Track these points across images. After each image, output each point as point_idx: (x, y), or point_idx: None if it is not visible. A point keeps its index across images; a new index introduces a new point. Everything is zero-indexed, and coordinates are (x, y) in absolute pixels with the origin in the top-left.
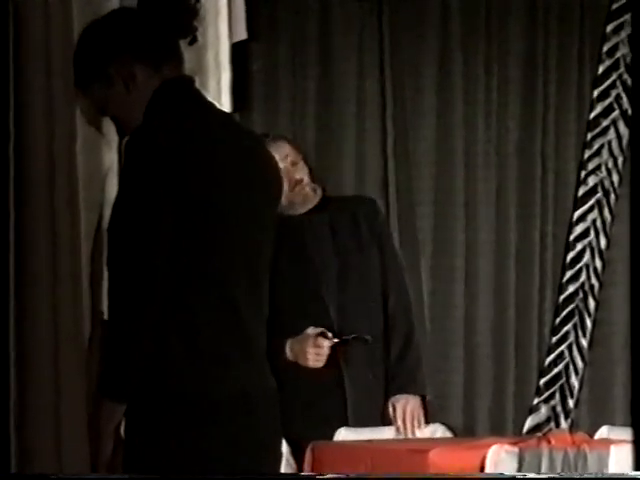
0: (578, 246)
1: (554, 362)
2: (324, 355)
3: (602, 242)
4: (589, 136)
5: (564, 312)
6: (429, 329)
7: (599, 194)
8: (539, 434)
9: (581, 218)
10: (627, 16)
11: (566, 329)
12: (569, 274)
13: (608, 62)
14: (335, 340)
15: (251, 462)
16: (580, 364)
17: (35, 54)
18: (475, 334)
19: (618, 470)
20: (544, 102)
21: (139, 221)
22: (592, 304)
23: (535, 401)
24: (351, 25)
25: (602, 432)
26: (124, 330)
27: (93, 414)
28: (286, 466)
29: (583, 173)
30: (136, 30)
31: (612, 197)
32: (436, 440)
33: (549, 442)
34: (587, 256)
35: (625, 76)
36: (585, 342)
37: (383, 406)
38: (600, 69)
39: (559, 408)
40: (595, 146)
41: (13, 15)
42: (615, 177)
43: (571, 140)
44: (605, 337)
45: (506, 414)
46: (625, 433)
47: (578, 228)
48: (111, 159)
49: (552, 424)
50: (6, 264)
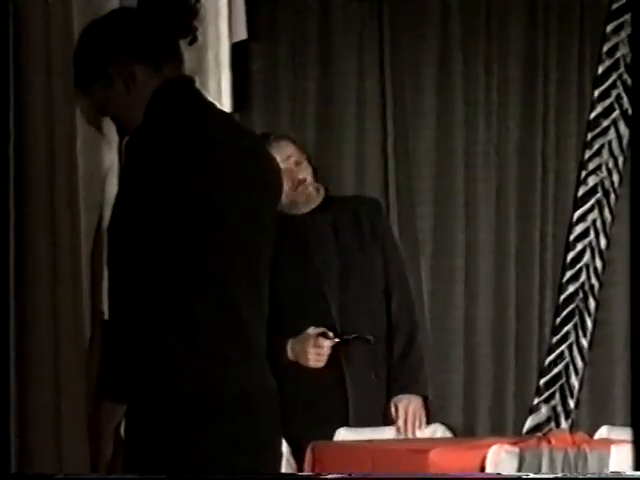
0: (578, 246)
1: (554, 362)
2: (325, 355)
3: (602, 242)
4: (589, 136)
5: (564, 312)
6: (429, 329)
7: (599, 194)
8: (539, 434)
9: (581, 218)
10: (627, 16)
11: (566, 329)
12: (569, 274)
13: (608, 62)
14: (336, 340)
15: (251, 462)
16: (580, 364)
17: (35, 54)
18: (475, 334)
19: (618, 470)
20: (544, 102)
21: (139, 221)
22: (592, 304)
23: (535, 401)
24: (351, 25)
25: (602, 432)
26: (124, 330)
27: (93, 414)
28: (286, 466)
29: (583, 173)
30: (136, 30)
31: (612, 197)
32: (436, 440)
33: (549, 442)
34: (587, 256)
35: (625, 76)
36: (585, 342)
37: (385, 406)
38: (600, 69)
39: (559, 408)
40: (595, 146)
41: (13, 15)
42: (615, 177)
43: (571, 140)
44: (605, 337)
45: (506, 414)
46: (625, 433)
47: (578, 228)
48: (111, 159)
49: (552, 424)
50: (6, 264)
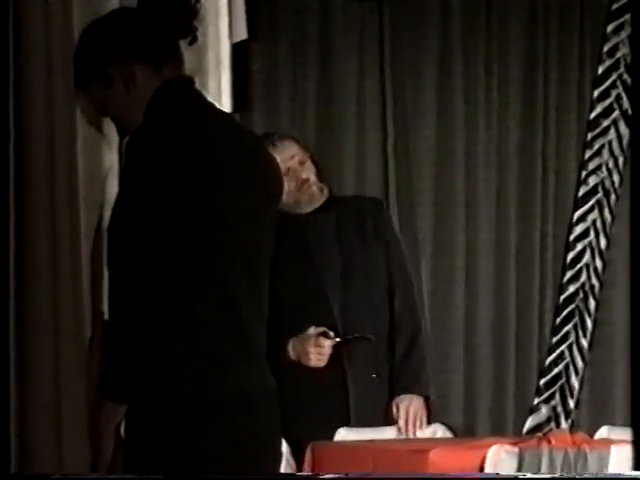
0: (578, 246)
1: (554, 362)
2: (326, 355)
3: (602, 242)
4: (589, 136)
5: (564, 312)
6: (429, 329)
7: (599, 194)
8: (539, 434)
9: (581, 218)
10: (627, 16)
11: (566, 329)
12: (569, 274)
13: (608, 62)
14: (337, 339)
15: (251, 462)
16: (580, 364)
17: (35, 54)
18: (475, 334)
19: (618, 470)
20: (544, 102)
21: (139, 221)
22: (592, 304)
23: (535, 401)
24: (351, 25)
25: (602, 432)
26: (124, 330)
27: (93, 414)
28: (286, 466)
29: (584, 173)
30: (136, 30)
31: (612, 197)
32: (436, 440)
33: (549, 442)
34: (587, 256)
35: (625, 76)
36: (585, 342)
37: (386, 406)
38: (600, 69)
39: (559, 408)
40: (595, 146)
41: (13, 15)
42: (616, 177)
43: (571, 140)
44: (605, 337)
45: (506, 414)
46: (625, 433)
47: (578, 228)
48: (111, 159)
49: (552, 424)
50: (6, 264)
